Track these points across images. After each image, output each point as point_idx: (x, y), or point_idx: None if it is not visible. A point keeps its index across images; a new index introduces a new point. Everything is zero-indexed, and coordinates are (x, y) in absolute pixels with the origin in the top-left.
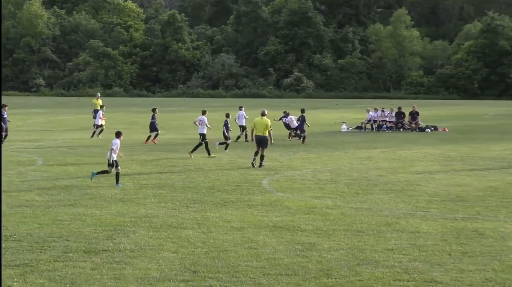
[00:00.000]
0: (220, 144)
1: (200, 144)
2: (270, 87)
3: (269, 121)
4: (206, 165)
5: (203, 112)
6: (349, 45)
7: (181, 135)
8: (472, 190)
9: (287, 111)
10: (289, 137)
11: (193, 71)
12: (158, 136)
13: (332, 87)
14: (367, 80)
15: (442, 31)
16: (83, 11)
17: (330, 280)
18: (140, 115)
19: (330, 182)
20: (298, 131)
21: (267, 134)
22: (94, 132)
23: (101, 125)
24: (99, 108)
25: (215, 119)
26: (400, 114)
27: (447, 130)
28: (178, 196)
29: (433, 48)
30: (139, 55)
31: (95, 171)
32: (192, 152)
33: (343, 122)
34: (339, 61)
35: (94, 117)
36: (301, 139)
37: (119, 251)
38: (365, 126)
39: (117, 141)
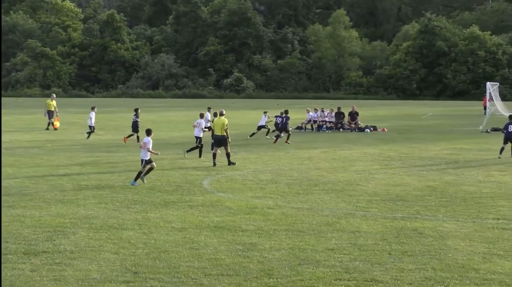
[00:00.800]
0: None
1: (197, 147)
2: (210, 87)
3: (226, 121)
4: None
5: (201, 116)
6: (289, 45)
7: (121, 135)
8: (411, 189)
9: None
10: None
11: (133, 72)
12: (106, 136)
13: (272, 87)
14: (307, 81)
15: (380, 32)
16: (20, 11)
17: (271, 280)
18: (78, 115)
19: (271, 182)
20: (280, 133)
21: (225, 133)
22: (89, 133)
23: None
24: (53, 109)
25: (152, 120)
26: (339, 115)
27: (386, 130)
28: (119, 197)
29: (372, 48)
30: (77, 55)
31: (133, 180)
32: (188, 151)
33: None
34: (278, 61)
35: (49, 117)
36: (275, 138)
37: (59, 252)
38: (305, 127)
39: (149, 139)
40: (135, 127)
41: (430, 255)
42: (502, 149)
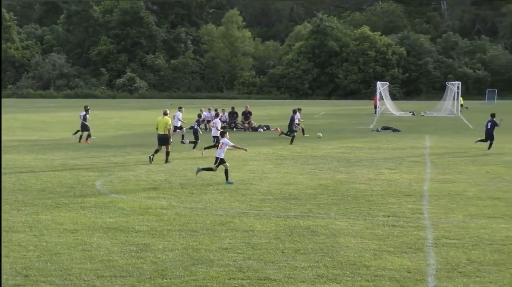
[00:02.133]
0: (190, 142)
1: (215, 145)
2: (102, 87)
3: (169, 120)
4: (37, 167)
5: (216, 115)
6: (182, 45)
7: (10, 137)
8: (304, 188)
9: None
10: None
11: (23, 72)
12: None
13: (165, 87)
14: (200, 80)
15: (273, 32)
16: None
17: (165, 280)
18: None
19: (164, 182)
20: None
21: (167, 132)
22: (87, 135)
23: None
24: None
25: (43, 121)
26: (233, 114)
27: (279, 129)
28: (9, 199)
29: (265, 48)
30: None
31: (200, 166)
32: (206, 149)
33: None
34: (172, 61)
35: None
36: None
37: None
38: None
39: (227, 140)
40: (84, 126)
41: (322, 252)
42: (481, 141)
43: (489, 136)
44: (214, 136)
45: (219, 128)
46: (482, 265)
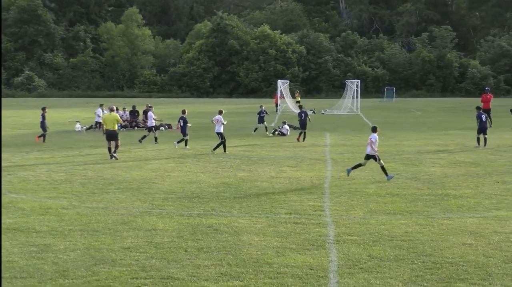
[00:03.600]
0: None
1: (221, 143)
2: None
3: (117, 116)
4: None
5: (220, 112)
6: (81, 43)
7: None
8: (206, 186)
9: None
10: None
11: None
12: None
13: (65, 86)
14: (100, 79)
15: (173, 30)
16: None
17: (66, 281)
18: None
19: (65, 181)
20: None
21: (116, 128)
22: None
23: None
24: None
25: None
26: (134, 113)
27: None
28: None
29: (165, 47)
30: None
31: (349, 167)
32: (214, 149)
33: (76, 121)
34: (71, 59)
35: None
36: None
37: None
38: (98, 126)
39: (375, 135)
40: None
41: (225, 250)
42: (478, 139)
43: (484, 130)
44: (218, 133)
45: (224, 122)
46: (383, 260)
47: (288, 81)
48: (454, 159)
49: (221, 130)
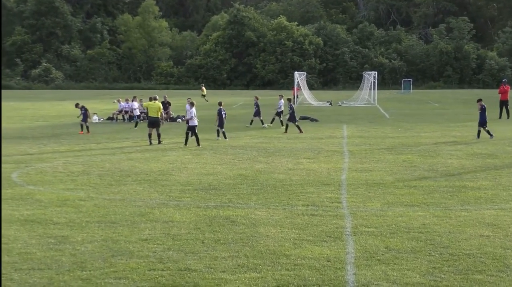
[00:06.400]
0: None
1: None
2: (17, 78)
3: (160, 105)
4: None
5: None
6: (98, 35)
7: None
8: (223, 178)
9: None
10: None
11: None
12: None
13: (82, 78)
14: (117, 71)
15: (190, 22)
16: None
17: (84, 272)
18: None
19: (82, 173)
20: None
21: (159, 116)
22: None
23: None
24: None
25: None
26: (165, 104)
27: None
28: None
29: (182, 39)
30: None
31: None
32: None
33: (94, 113)
34: (88, 51)
35: None
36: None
37: None
38: (116, 117)
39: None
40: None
41: (242, 242)
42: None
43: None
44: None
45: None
46: (400, 252)
47: (305, 73)
48: (471, 150)
49: (195, 123)
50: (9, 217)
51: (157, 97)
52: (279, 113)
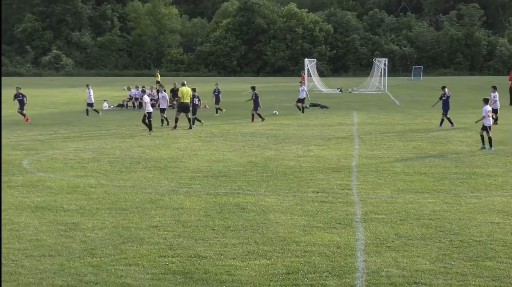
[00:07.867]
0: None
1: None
2: (28, 65)
3: (190, 90)
4: None
5: (143, 92)
6: (108, 22)
7: None
8: (233, 165)
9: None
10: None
11: None
12: None
13: (92, 65)
14: (128, 58)
15: (200, 9)
16: None
17: (94, 259)
18: None
19: (92, 160)
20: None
21: (189, 101)
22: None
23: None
24: None
25: None
26: (175, 92)
27: (208, 107)
28: None
29: (192, 25)
30: None
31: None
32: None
33: (104, 100)
34: (98, 38)
35: None
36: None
37: None
38: (126, 104)
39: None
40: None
41: (252, 229)
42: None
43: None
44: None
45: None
46: (410, 239)
47: (315, 60)
48: None
49: (165, 106)
50: (20, 204)
51: (185, 83)
52: (301, 100)
